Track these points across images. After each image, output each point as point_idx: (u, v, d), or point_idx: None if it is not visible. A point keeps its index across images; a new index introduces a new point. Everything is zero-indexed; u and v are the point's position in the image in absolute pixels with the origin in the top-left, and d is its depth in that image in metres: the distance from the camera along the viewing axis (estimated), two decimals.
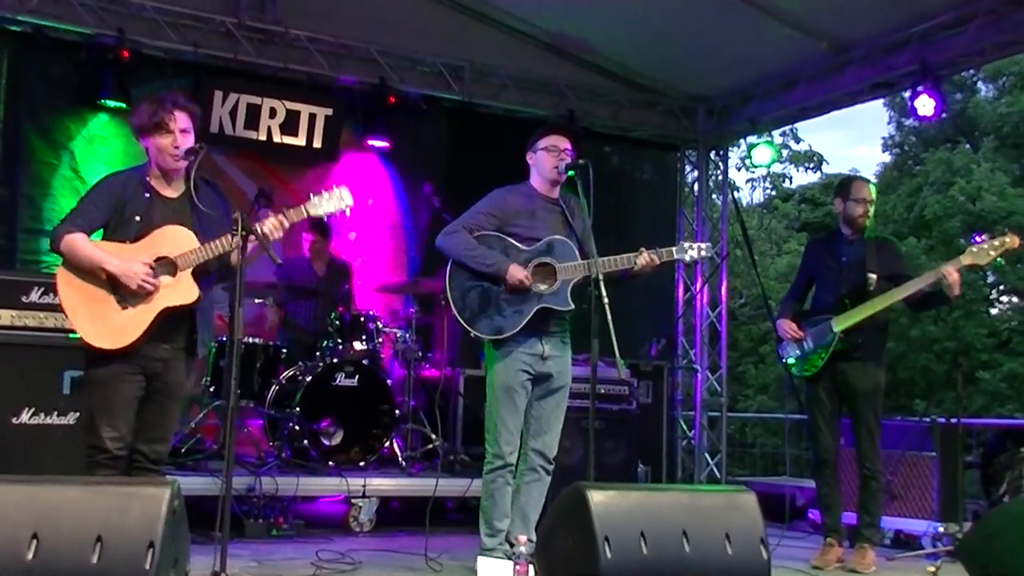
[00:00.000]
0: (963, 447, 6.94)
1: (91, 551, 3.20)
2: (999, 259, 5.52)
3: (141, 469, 4.33)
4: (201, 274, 4.37)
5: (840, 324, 5.73)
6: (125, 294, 4.21)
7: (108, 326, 4.20)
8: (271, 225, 4.34)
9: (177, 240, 4.31)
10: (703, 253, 5.10)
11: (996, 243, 5.46)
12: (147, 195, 4.35)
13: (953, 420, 6.85)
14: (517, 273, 4.86)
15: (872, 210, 5.91)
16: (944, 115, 8.03)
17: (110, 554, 3.21)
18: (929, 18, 7.57)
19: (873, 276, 5.72)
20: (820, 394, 5.88)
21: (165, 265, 4.28)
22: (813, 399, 5.92)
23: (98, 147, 7.85)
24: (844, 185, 6.13)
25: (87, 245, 4.23)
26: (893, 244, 6.19)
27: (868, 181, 6.21)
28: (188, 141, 4.34)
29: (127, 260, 4.21)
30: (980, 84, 23.30)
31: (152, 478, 4.26)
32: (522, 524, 4.95)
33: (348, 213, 4.59)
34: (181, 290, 4.29)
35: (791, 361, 6.01)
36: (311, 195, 4.53)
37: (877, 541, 5.87)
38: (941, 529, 6.62)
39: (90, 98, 7.69)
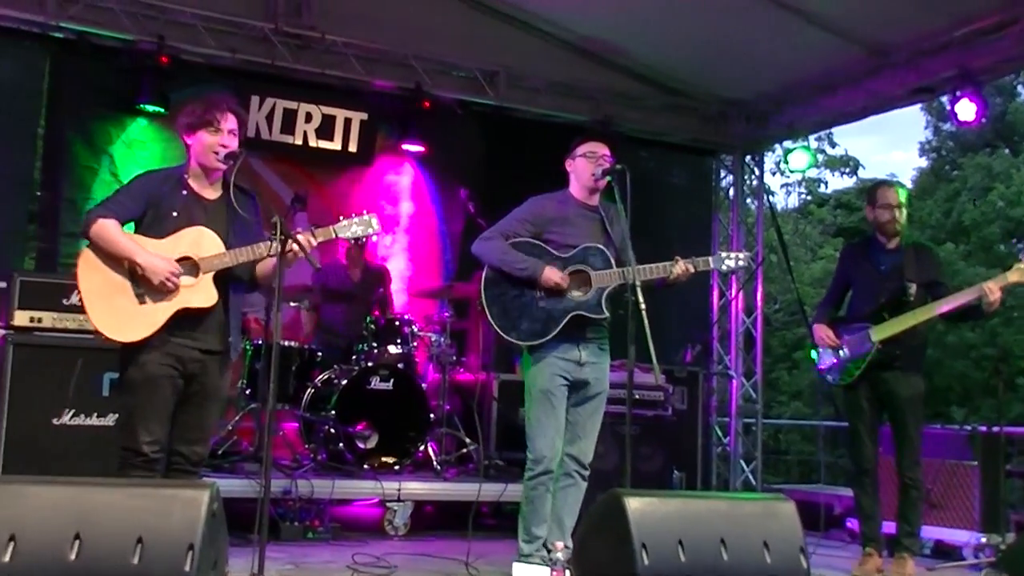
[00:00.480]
0: (1005, 456, 6.83)
1: (132, 552, 3.22)
2: None
3: (180, 471, 4.34)
4: (231, 280, 4.39)
5: (879, 334, 5.65)
6: (145, 288, 4.21)
7: (123, 318, 4.18)
8: (301, 243, 4.34)
9: (203, 242, 4.31)
10: (740, 263, 5.10)
11: None
12: (184, 193, 4.37)
13: (995, 428, 6.76)
14: (553, 275, 4.86)
15: (902, 214, 5.80)
16: (984, 120, 7.94)
17: (150, 555, 3.23)
18: (970, 22, 7.49)
19: (912, 285, 5.66)
20: (861, 403, 5.79)
21: (188, 266, 4.28)
22: (854, 408, 5.83)
23: (137, 151, 7.93)
24: (871, 192, 6.06)
25: (119, 232, 4.23)
26: (931, 251, 6.10)
27: (895, 185, 6.08)
28: (233, 144, 4.36)
29: (154, 255, 4.21)
30: (1020, 88, 23.04)
31: (191, 480, 4.28)
32: (558, 530, 4.94)
33: (375, 239, 4.59)
34: (200, 293, 4.28)
35: (826, 368, 5.94)
36: (341, 217, 4.53)
37: (917, 551, 5.80)
38: (983, 540, 6.53)
39: (130, 103, 7.78)
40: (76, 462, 5.26)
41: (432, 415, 7.05)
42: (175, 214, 4.31)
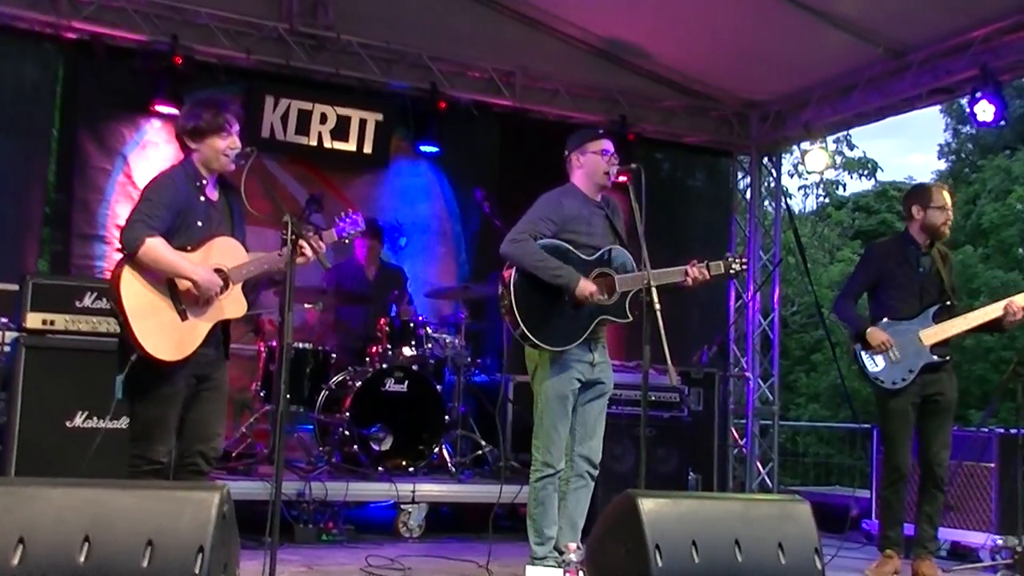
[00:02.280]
0: (1022, 458, 6.79)
1: (142, 555, 3.20)
2: None
3: (196, 472, 4.34)
4: (248, 284, 4.42)
5: (930, 339, 5.64)
6: (187, 305, 4.21)
7: (171, 337, 4.18)
8: (313, 248, 4.32)
9: (230, 252, 4.34)
10: (743, 267, 5.15)
11: None
12: (202, 199, 4.36)
13: (1012, 430, 6.72)
14: (587, 288, 4.82)
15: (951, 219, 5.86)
16: (1004, 121, 7.88)
17: (160, 558, 3.21)
18: (990, 22, 7.43)
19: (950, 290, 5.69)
20: (907, 407, 5.71)
21: (220, 277, 4.30)
22: (900, 411, 5.72)
23: (151, 152, 7.93)
24: (923, 192, 5.98)
25: (169, 251, 4.16)
26: (950, 256, 6.09)
27: (947, 186, 6.11)
28: (239, 145, 4.37)
29: (207, 270, 4.23)
30: None
31: (204, 480, 4.28)
32: (570, 531, 4.91)
33: (358, 236, 4.66)
34: (234, 303, 4.35)
35: (880, 372, 5.75)
36: (336, 219, 4.64)
37: (935, 552, 5.76)
38: (1000, 542, 6.51)
39: (144, 104, 7.77)
40: (88, 465, 5.24)
41: (447, 417, 7.03)
42: (200, 224, 4.31)
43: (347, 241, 4.72)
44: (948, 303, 5.67)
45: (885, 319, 5.76)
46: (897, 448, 5.75)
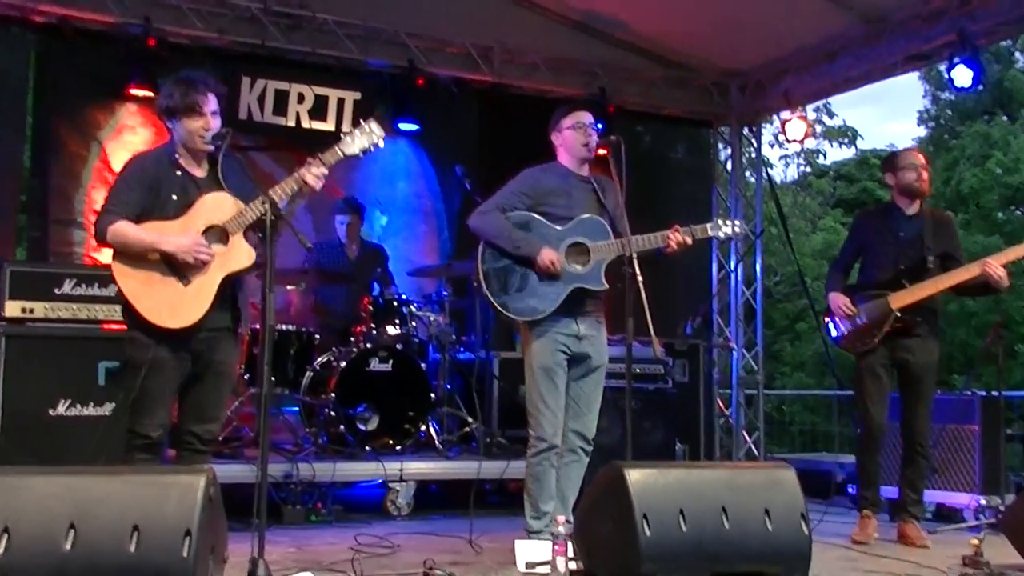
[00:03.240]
0: (1005, 420, 6.87)
1: (128, 540, 3.20)
2: None
3: (191, 451, 4.34)
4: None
5: (899, 302, 5.65)
6: (183, 271, 4.20)
7: (176, 305, 4.18)
8: (313, 176, 4.30)
9: (220, 206, 4.30)
10: (737, 230, 5.15)
11: None
12: (178, 173, 4.33)
13: (994, 393, 6.78)
14: (548, 256, 4.82)
15: (928, 174, 5.83)
16: (981, 86, 7.90)
17: (147, 543, 3.21)
18: None
19: (932, 255, 5.67)
20: (877, 370, 5.77)
21: (215, 233, 4.26)
22: (869, 374, 5.79)
23: (127, 137, 7.87)
24: (891, 158, 6.11)
25: (136, 231, 4.18)
26: (950, 221, 6.12)
27: (915, 148, 6.14)
28: (217, 124, 4.34)
29: (178, 235, 4.19)
30: (1018, 55, 22.92)
31: (197, 462, 4.26)
32: (561, 505, 4.93)
33: (381, 145, 4.52)
34: (237, 255, 4.30)
35: (842, 336, 5.90)
36: (341, 135, 4.52)
37: (921, 516, 5.81)
38: (983, 502, 6.59)
39: (118, 88, 7.69)
40: (72, 453, 5.24)
41: (433, 395, 7.02)
42: (174, 197, 4.28)
43: (362, 155, 4.56)
44: (924, 267, 5.66)
45: (869, 287, 5.82)
46: (867, 409, 5.81)
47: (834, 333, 5.97)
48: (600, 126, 5.12)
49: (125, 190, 4.26)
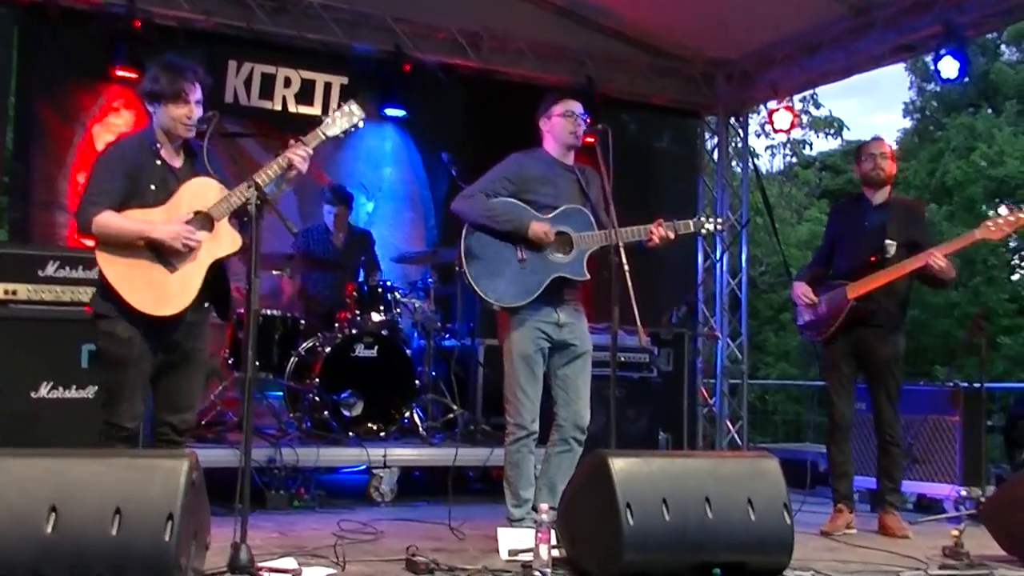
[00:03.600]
0: (986, 411, 6.91)
1: (110, 523, 3.20)
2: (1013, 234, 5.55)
3: (167, 442, 4.31)
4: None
5: (855, 291, 5.68)
6: (170, 258, 4.17)
7: (164, 292, 4.16)
8: (299, 157, 4.28)
9: (204, 192, 4.27)
10: (719, 227, 5.19)
11: (1012, 218, 5.45)
12: (158, 163, 4.30)
13: (976, 384, 6.82)
14: (540, 227, 4.83)
15: (886, 163, 5.83)
16: (967, 78, 7.92)
17: (129, 526, 3.21)
18: None
19: (891, 243, 5.66)
20: (837, 360, 5.84)
21: (200, 219, 4.24)
22: (830, 364, 5.88)
23: (112, 120, 7.81)
24: (857, 149, 6.20)
25: (122, 220, 4.14)
26: (917, 209, 6.14)
27: (878, 139, 6.17)
28: (199, 113, 4.30)
29: (165, 222, 4.17)
30: (1003, 47, 23.01)
31: (175, 450, 4.24)
32: (549, 494, 4.90)
33: (361, 126, 4.53)
34: (223, 240, 4.28)
35: (804, 324, 6.01)
36: (323, 118, 4.50)
37: (900, 505, 5.84)
38: (964, 493, 6.64)
39: (103, 70, 7.62)
40: (55, 435, 5.21)
41: (417, 382, 7.02)
42: (153, 187, 4.25)
43: (343, 136, 4.57)
44: (883, 256, 5.68)
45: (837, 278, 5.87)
46: (832, 400, 5.88)
47: (799, 321, 6.08)
48: (588, 116, 5.10)
49: (107, 178, 4.21)
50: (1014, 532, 4.80)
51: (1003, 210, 5.50)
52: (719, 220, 5.19)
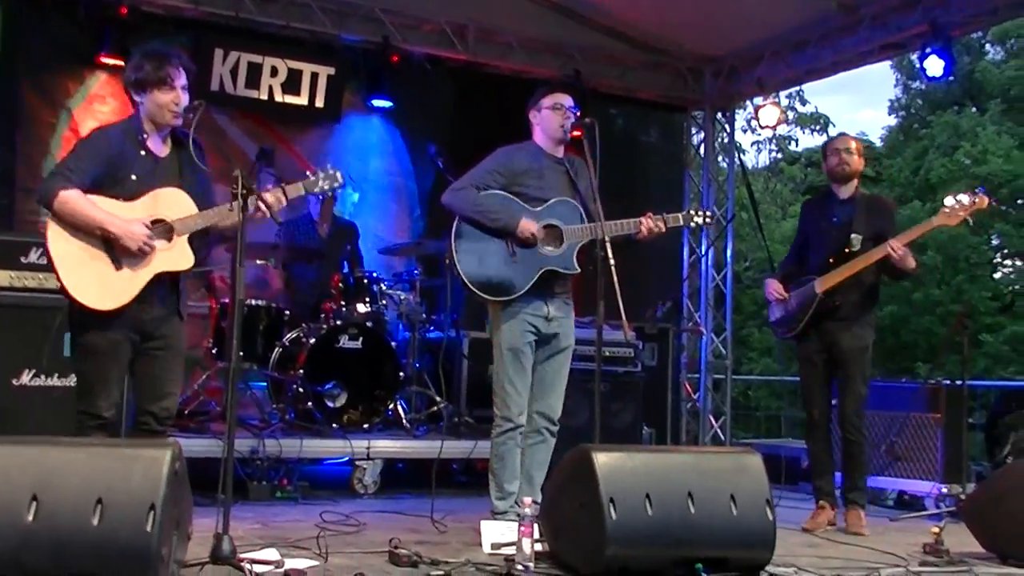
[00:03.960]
0: (968, 409, 6.94)
1: (92, 513, 3.18)
2: (968, 219, 5.58)
3: (148, 432, 4.28)
4: (197, 238, 4.32)
5: (822, 284, 5.71)
6: (120, 255, 4.13)
7: (102, 287, 4.11)
8: (269, 201, 4.27)
9: (176, 204, 4.24)
10: (708, 221, 5.22)
11: (967, 203, 5.49)
12: (142, 153, 4.27)
13: (958, 382, 6.85)
14: (529, 226, 4.83)
15: (851, 158, 5.85)
16: (952, 76, 7.96)
17: (111, 516, 3.19)
18: None
19: (857, 237, 5.68)
20: (811, 355, 5.86)
21: (162, 229, 4.21)
22: (804, 361, 5.92)
23: (97, 107, 7.78)
24: (823, 146, 6.26)
25: (86, 204, 4.09)
26: (883, 203, 6.16)
27: (844, 134, 6.22)
28: (186, 99, 4.28)
29: (128, 221, 4.12)
30: (988, 46, 23.09)
31: (157, 439, 4.22)
32: (527, 486, 4.94)
33: (339, 192, 4.60)
34: (176, 256, 4.23)
35: (775, 321, 6.05)
36: (308, 174, 4.53)
37: (863, 503, 5.80)
38: (945, 490, 6.67)
39: (89, 57, 7.60)
40: (36, 423, 5.18)
41: (402, 374, 7.01)
42: (134, 177, 4.22)
43: (324, 196, 4.65)
44: (848, 250, 5.69)
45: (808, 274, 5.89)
46: (806, 397, 5.97)
47: (771, 318, 6.12)
48: (578, 110, 5.09)
49: (84, 157, 4.17)
50: (994, 529, 4.83)
51: (961, 196, 5.53)
52: (707, 213, 5.22)
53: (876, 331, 5.96)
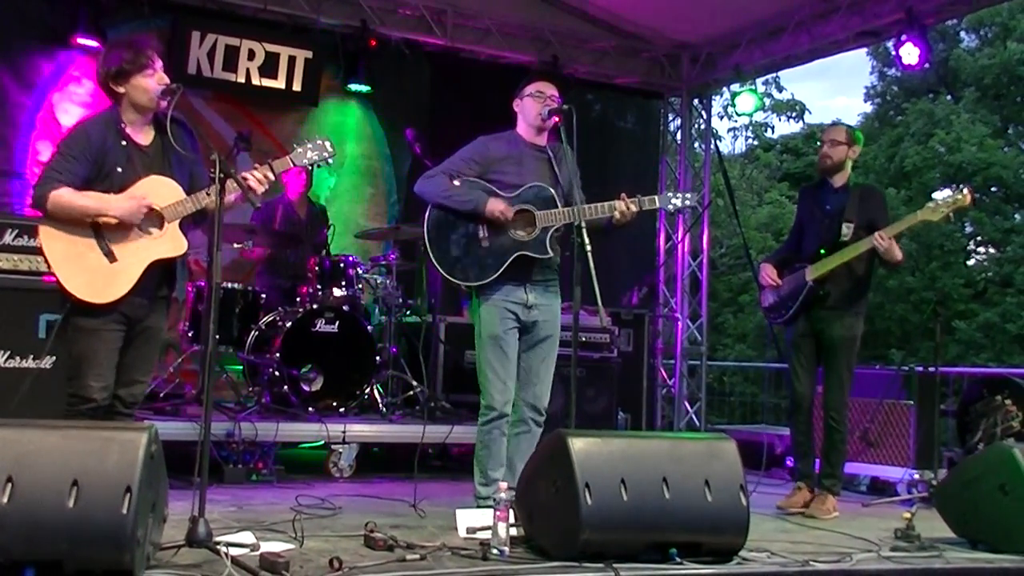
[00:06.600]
0: (940, 396, 7.00)
1: (67, 495, 3.17)
2: (951, 215, 5.64)
3: (116, 414, 4.30)
4: (191, 222, 4.34)
5: (813, 272, 5.76)
6: (113, 244, 4.14)
7: (98, 280, 4.13)
8: (257, 178, 4.27)
9: (163, 191, 4.24)
10: (687, 202, 5.16)
11: (950, 200, 5.56)
12: (124, 144, 4.26)
13: (931, 369, 6.91)
14: (497, 205, 4.81)
15: (836, 149, 5.89)
16: (928, 64, 8.01)
17: (87, 498, 3.19)
18: None
19: (849, 225, 5.73)
20: (799, 341, 5.92)
21: (152, 217, 4.21)
22: (792, 345, 5.98)
23: (72, 88, 7.71)
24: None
25: (80, 198, 4.11)
26: (876, 193, 6.20)
27: (838, 124, 6.27)
28: (166, 80, 4.28)
29: (119, 199, 4.14)
30: (963, 34, 23.21)
31: (127, 422, 4.23)
32: (508, 473, 4.92)
33: (331, 162, 4.56)
34: (169, 242, 4.25)
35: (767, 306, 6.10)
36: (295, 145, 4.52)
37: (837, 491, 5.86)
38: (917, 476, 6.75)
39: (64, 38, 7.54)
40: (11, 406, 5.14)
41: (378, 357, 7.01)
42: (119, 169, 4.22)
43: (311, 169, 4.63)
44: (839, 238, 5.74)
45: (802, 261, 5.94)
46: (792, 381, 6.00)
47: (763, 304, 6.16)
48: (561, 100, 5.08)
49: (70, 159, 4.17)
50: (965, 515, 4.88)
51: (946, 192, 5.62)
52: (687, 196, 5.18)
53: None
